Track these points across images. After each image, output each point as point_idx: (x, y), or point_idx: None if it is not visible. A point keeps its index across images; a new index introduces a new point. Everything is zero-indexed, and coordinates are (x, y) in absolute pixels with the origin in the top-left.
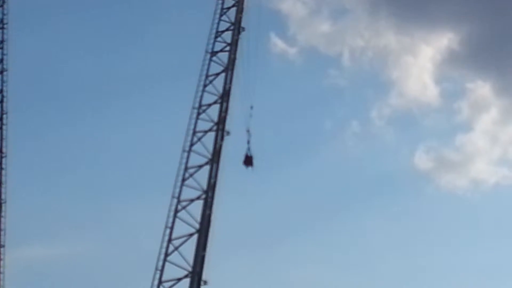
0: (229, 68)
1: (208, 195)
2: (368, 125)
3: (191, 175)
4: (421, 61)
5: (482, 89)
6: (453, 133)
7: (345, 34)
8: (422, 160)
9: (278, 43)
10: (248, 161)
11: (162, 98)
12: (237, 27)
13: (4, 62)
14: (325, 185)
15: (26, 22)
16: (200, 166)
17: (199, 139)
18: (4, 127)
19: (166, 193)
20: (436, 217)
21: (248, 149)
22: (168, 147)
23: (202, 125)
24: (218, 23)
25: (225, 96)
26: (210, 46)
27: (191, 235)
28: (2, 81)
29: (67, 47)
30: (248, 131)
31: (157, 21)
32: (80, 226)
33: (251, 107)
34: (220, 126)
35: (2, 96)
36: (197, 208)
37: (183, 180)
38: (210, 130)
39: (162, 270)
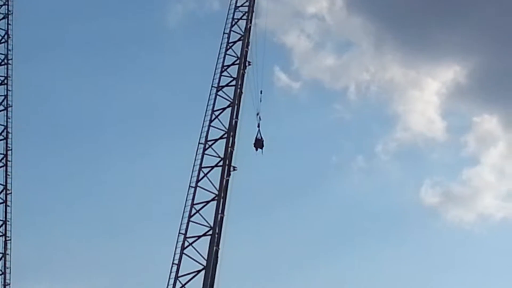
0: (235, 102)
1: (215, 231)
2: (373, 159)
3: (197, 211)
4: (427, 95)
5: (489, 123)
6: (459, 167)
7: (350, 68)
8: (429, 195)
9: (282, 77)
10: (258, 143)
11: (167, 133)
12: (243, 61)
13: (9, 98)
14: (331, 220)
15: (29, 57)
16: (207, 202)
17: (206, 174)
18: (9, 163)
19: (172, 230)
20: (443, 251)
21: (259, 132)
22: (174, 182)
23: (209, 161)
24: (224, 57)
25: (231, 131)
26: (216, 80)
27: (198, 271)
28: (7, 118)
29: (70, 80)
30: (258, 114)
31: (162, 55)
32: (85, 263)
33: (261, 92)
34: (226, 162)
35: (7, 133)
36: (204, 244)
37: (190, 216)
38: (216, 165)
39: None
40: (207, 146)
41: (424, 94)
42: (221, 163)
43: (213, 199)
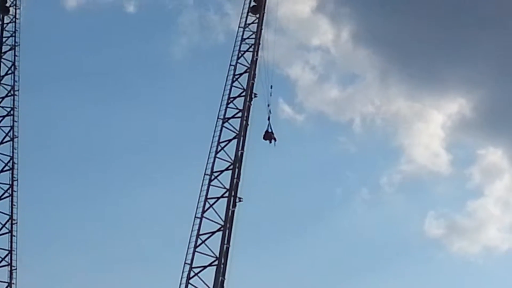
0: (241, 134)
1: (221, 262)
2: (378, 192)
3: (203, 242)
4: (432, 127)
5: (494, 155)
6: (464, 199)
7: (355, 100)
8: (433, 227)
9: (286, 109)
10: (268, 136)
11: (174, 164)
12: (249, 93)
13: (15, 129)
14: (336, 251)
15: (35, 88)
16: (213, 233)
17: (211, 205)
18: (14, 193)
19: (178, 260)
20: (448, 284)
21: (269, 125)
22: (180, 213)
23: (214, 192)
24: (230, 89)
25: (237, 162)
26: (222, 112)
27: None
28: (13, 148)
29: (75, 112)
30: (268, 105)
31: (168, 87)
32: None
33: (271, 87)
34: (232, 193)
35: (13, 163)
36: (210, 274)
37: (196, 246)
38: (222, 196)
39: None
40: (213, 177)
41: (429, 127)
42: (226, 194)
43: (218, 230)
